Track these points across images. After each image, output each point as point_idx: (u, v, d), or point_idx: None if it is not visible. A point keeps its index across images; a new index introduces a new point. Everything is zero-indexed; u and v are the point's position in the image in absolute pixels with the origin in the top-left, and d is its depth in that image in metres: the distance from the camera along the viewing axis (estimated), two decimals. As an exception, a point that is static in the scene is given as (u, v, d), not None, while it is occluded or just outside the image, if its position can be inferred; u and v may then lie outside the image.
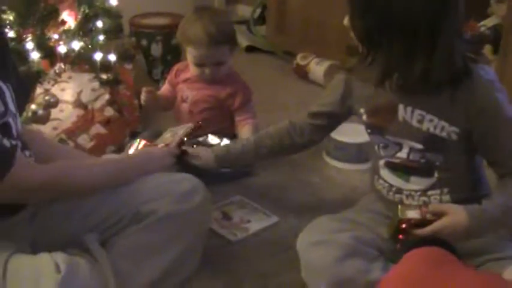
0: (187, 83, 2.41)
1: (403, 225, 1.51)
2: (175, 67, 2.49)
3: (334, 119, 1.88)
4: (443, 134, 1.56)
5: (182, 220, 1.69)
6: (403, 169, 1.65)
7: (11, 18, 2.28)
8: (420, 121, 1.57)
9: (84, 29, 2.54)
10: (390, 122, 1.63)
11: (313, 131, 1.91)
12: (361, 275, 1.53)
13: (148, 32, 3.20)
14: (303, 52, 3.42)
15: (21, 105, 1.60)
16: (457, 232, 1.48)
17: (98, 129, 2.49)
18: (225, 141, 2.19)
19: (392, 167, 1.67)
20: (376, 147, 1.71)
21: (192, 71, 2.34)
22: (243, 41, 3.80)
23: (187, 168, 1.90)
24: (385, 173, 1.70)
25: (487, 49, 2.74)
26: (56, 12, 2.44)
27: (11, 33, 2.31)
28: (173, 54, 3.19)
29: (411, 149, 1.62)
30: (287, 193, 2.29)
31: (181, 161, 1.92)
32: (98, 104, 2.53)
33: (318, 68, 3.27)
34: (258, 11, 4.06)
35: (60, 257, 1.47)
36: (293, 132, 1.92)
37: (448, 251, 1.38)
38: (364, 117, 1.70)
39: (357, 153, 2.43)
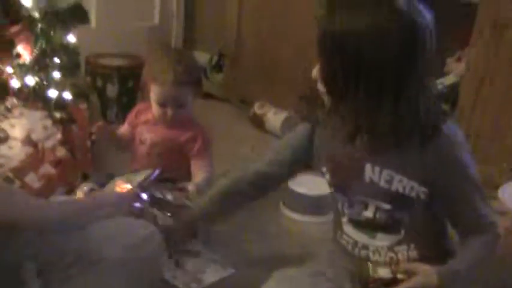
0: (147, 125, 2.34)
1: (372, 284, 1.47)
2: (136, 108, 2.43)
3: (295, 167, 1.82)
4: (413, 194, 1.53)
5: (134, 269, 1.60)
6: (368, 226, 1.61)
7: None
8: (389, 182, 1.53)
9: (40, 65, 2.45)
10: (355, 182, 1.59)
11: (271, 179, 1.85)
12: None
13: (105, 72, 3.14)
14: (260, 101, 3.39)
15: None
16: None
17: (47, 169, 2.38)
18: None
19: (358, 223, 1.63)
20: (339, 205, 1.66)
21: (154, 111, 2.28)
22: (200, 87, 3.75)
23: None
24: (349, 229, 1.65)
25: (444, 107, 2.77)
26: (11, 44, 2.35)
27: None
28: (129, 97, 3.12)
29: (378, 209, 1.58)
30: (243, 244, 2.23)
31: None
32: (49, 143, 2.44)
33: (275, 117, 3.25)
34: (215, 58, 4.05)
35: None
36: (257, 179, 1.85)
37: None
38: (327, 176, 1.66)
39: (316, 206, 2.39)
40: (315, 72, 1.53)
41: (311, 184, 2.42)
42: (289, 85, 3.31)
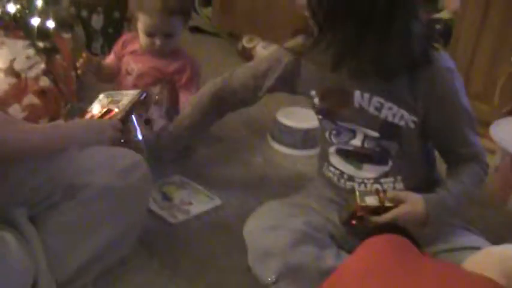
0: (134, 55, 2.30)
1: (360, 212, 1.46)
2: (123, 38, 2.38)
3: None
4: (402, 123, 1.51)
5: (120, 196, 1.58)
6: (355, 156, 1.60)
7: None
8: (378, 109, 1.51)
9: (21, -9, 2.38)
10: (344, 108, 1.56)
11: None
12: (313, 262, 1.48)
13: (90, 3, 3.04)
14: (249, 35, 3.33)
15: None
16: (414, 220, 1.46)
17: (31, 99, 2.33)
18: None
19: (345, 154, 1.62)
20: (327, 133, 1.64)
21: (142, 41, 2.22)
22: (187, 20, 3.67)
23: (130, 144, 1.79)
24: (336, 160, 1.64)
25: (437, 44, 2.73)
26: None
27: None
28: (115, 28, 3.04)
29: (366, 137, 1.57)
30: (229, 173, 2.21)
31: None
32: (32, 73, 2.37)
33: (264, 51, 3.18)
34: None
35: None
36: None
37: (407, 239, 1.33)
38: (316, 100, 1.63)
39: (303, 139, 2.37)
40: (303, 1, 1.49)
41: (299, 117, 2.40)
42: (279, 18, 3.23)
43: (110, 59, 2.38)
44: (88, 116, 1.85)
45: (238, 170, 2.24)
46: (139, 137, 1.84)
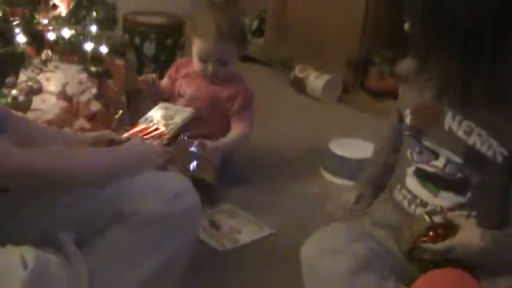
0: (187, 79, 2.28)
1: (431, 233, 1.41)
2: (177, 62, 2.39)
3: None
4: (489, 153, 1.42)
5: (169, 223, 1.52)
6: (434, 180, 1.51)
7: (-2, -5, 2.11)
8: (467, 133, 1.43)
9: (77, 17, 2.38)
10: (433, 127, 1.49)
11: None
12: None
13: (143, 30, 3.06)
14: (301, 65, 3.28)
15: None
16: (470, 253, 1.37)
17: (82, 123, 2.32)
18: None
19: (424, 175, 1.53)
20: (408, 151, 1.57)
21: (195, 65, 2.20)
22: (239, 50, 3.66)
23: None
24: (412, 182, 1.55)
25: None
26: (48, -6, 2.28)
27: (-4, 12, 2.15)
28: (167, 55, 3.04)
29: (448, 161, 1.48)
30: (282, 204, 2.14)
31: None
32: (84, 98, 2.37)
33: (316, 81, 3.14)
34: (256, 23, 3.95)
35: (28, 251, 1.29)
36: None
37: (468, 274, 1.24)
38: (408, 118, 1.56)
39: (356, 170, 2.28)
40: (407, 25, 1.44)
41: (352, 147, 2.33)
42: (331, 49, 3.21)
43: (163, 82, 2.37)
44: (137, 128, 1.82)
45: (291, 200, 2.17)
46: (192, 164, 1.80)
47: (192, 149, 1.88)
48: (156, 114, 1.98)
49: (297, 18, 3.45)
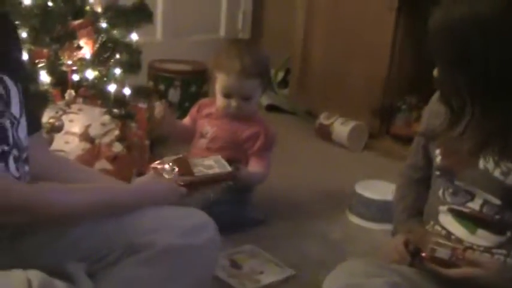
0: (209, 118, 2.26)
1: (423, 254, 1.41)
2: (200, 102, 2.37)
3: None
4: None
5: (185, 257, 1.45)
6: (471, 219, 1.45)
7: (24, 34, 2.13)
8: (505, 173, 1.37)
9: (101, 59, 2.40)
10: (467, 167, 1.43)
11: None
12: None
13: (168, 77, 3.07)
14: (326, 112, 3.25)
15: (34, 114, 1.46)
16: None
17: (103, 164, 2.30)
18: None
19: (459, 215, 1.46)
20: (440, 191, 1.50)
21: (218, 102, 2.19)
22: (264, 99, 3.67)
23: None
24: (446, 219, 1.48)
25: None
26: (72, 36, 2.30)
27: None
28: (191, 101, 3.00)
29: (485, 202, 1.42)
30: (304, 246, 2.07)
31: None
32: (106, 140, 2.36)
33: (342, 128, 3.09)
34: (281, 74, 3.96)
35: (35, 274, 1.23)
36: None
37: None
38: (438, 159, 1.50)
39: (382, 211, 2.21)
40: (436, 72, 1.42)
41: (378, 189, 2.27)
42: (354, 95, 3.19)
43: (185, 121, 2.36)
44: (156, 165, 1.76)
45: (314, 242, 2.10)
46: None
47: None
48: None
49: (320, 67, 3.44)
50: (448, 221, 1.48)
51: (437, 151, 1.51)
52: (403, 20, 2.97)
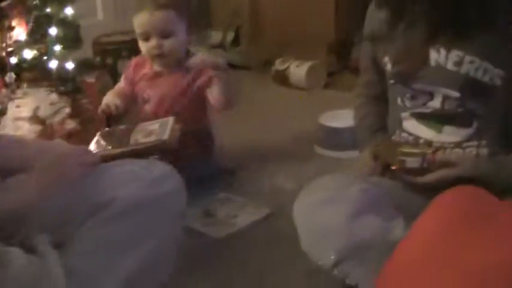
0: (147, 80, 2.10)
1: (393, 168, 1.38)
2: (134, 61, 2.19)
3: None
4: (486, 79, 1.32)
5: (152, 209, 1.38)
6: (435, 118, 1.40)
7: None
8: (458, 63, 1.34)
9: (37, 37, 2.29)
10: (420, 68, 1.40)
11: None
12: (379, 235, 1.26)
13: (114, 49, 2.96)
14: (280, 58, 3.19)
15: None
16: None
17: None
18: None
19: (422, 117, 1.42)
20: (399, 99, 1.46)
21: (142, 49, 2.05)
22: (217, 58, 3.58)
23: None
24: (411, 124, 1.44)
25: None
26: (3, 17, 2.19)
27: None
28: (141, 70, 2.94)
29: (445, 98, 1.38)
30: (277, 185, 2.03)
31: None
32: (57, 118, 2.28)
33: (298, 70, 3.03)
34: (232, 34, 3.88)
35: None
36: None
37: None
38: (389, 66, 1.46)
39: (351, 139, 2.16)
40: None
41: (343, 118, 2.22)
42: (311, 39, 3.12)
43: (121, 87, 2.17)
44: None
45: (288, 180, 2.05)
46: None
47: None
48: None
49: (270, 15, 3.38)
50: (413, 126, 1.45)
51: (386, 58, 1.47)
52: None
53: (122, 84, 2.18)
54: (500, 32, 1.31)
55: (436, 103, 1.39)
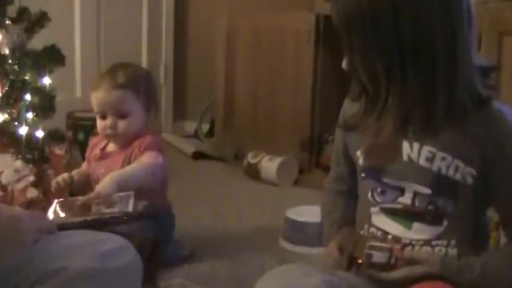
0: (96, 160, 2.08)
1: (360, 261, 1.32)
2: (92, 141, 2.18)
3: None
4: (457, 177, 1.30)
5: (100, 281, 1.30)
6: (405, 215, 1.37)
7: None
8: (430, 160, 1.31)
9: (11, 101, 2.27)
10: (392, 162, 1.37)
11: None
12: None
13: (86, 124, 2.94)
14: (252, 151, 3.19)
15: None
16: None
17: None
18: None
19: (391, 212, 1.39)
20: (369, 194, 1.42)
21: (98, 127, 2.04)
22: (190, 147, 3.59)
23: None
24: (379, 219, 1.40)
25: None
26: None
27: None
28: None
29: (416, 194, 1.35)
30: (239, 276, 1.94)
31: None
32: (19, 186, 2.22)
33: (269, 164, 3.02)
34: (207, 126, 3.91)
35: None
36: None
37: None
38: (360, 160, 1.43)
39: (316, 235, 2.12)
40: (344, 63, 1.36)
41: (309, 213, 2.19)
42: (284, 134, 3.18)
43: (83, 167, 2.17)
44: None
45: (250, 272, 1.97)
46: None
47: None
48: None
49: (246, 107, 3.42)
50: (382, 221, 1.41)
51: (358, 152, 1.45)
52: (322, 51, 2.98)
53: (84, 163, 2.19)
54: (462, 129, 1.30)
55: (406, 199, 1.37)
